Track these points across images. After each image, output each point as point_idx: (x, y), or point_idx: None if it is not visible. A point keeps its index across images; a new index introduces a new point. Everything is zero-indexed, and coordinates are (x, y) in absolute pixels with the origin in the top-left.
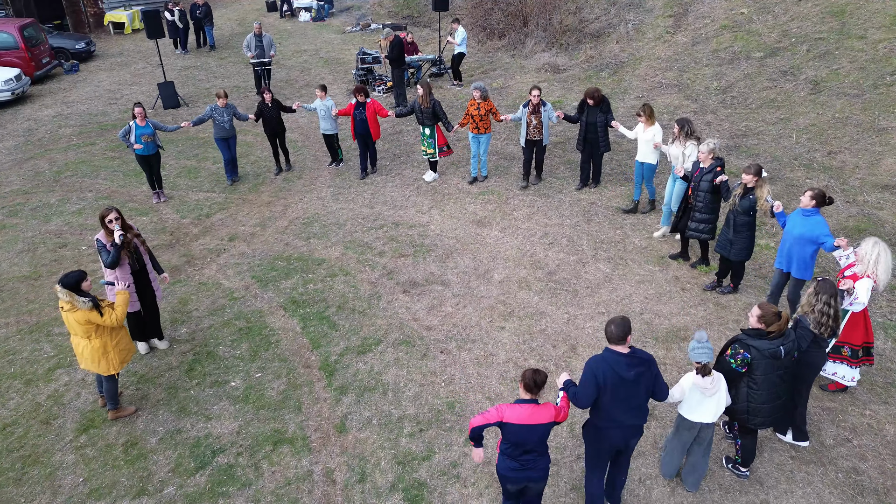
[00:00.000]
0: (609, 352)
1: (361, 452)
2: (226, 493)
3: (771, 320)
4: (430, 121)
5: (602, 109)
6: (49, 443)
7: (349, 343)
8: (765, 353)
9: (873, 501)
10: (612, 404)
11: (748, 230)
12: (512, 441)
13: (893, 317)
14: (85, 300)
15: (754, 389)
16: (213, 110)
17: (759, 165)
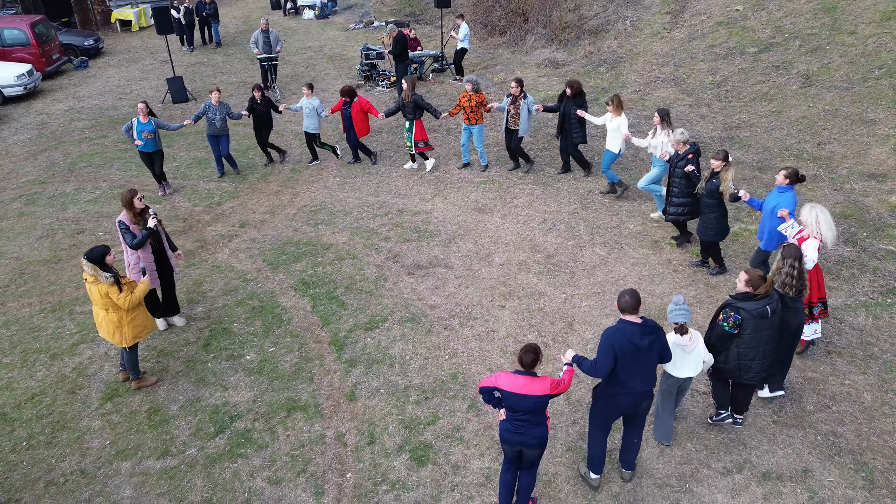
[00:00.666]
0: (624, 322)
1: (370, 418)
2: (244, 454)
3: (758, 283)
4: (411, 115)
5: (577, 102)
6: (76, 410)
7: (357, 320)
8: (753, 314)
9: (849, 460)
10: (626, 372)
11: (715, 211)
12: (506, 405)
13: (875, 295)
14: (108, 275)
15: (744, 348)
16: (207, 107)
17: (725, 151)
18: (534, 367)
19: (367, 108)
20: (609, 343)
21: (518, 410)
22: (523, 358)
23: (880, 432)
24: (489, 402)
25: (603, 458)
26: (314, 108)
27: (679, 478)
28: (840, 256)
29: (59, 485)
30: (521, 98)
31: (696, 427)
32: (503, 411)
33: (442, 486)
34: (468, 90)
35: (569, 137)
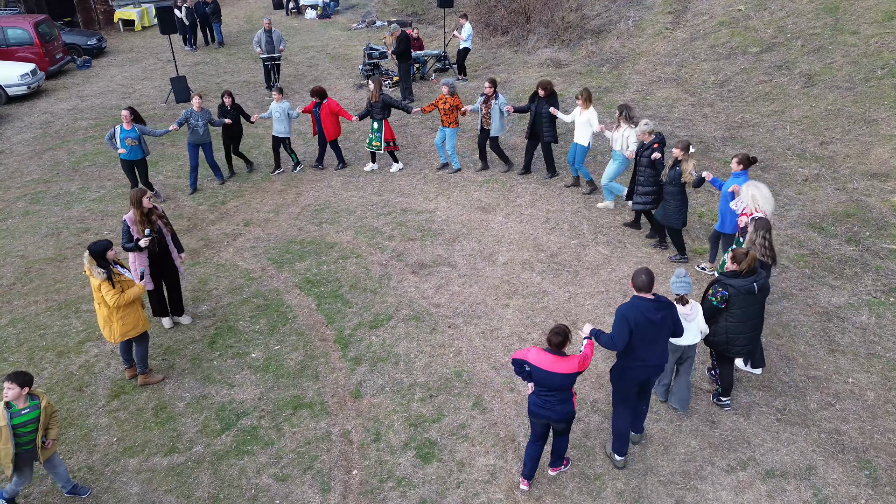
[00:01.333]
0: (637, 299)
1: (376, 415)
2: (250, 451)
3: (741, 258)
4: (379, 115)
5: (549, 102)
6: (83, 407)
7: (362, 318)
8: (741, 290)
9: (853, 458)
10: (641, 345)
11: (677, 198)
12: (535, 380)
13: (877, 294)
14: (101, 271)
15: (732, 322)
16: (188, 114)
17: (687, 141)
18: (562, 349)
19: (336, 111)
20: (624, 318)
21: (545, 386)
22: (552, 339)
23: (884, 430)
24: (519, 374)
25: (627, 436)
26: (284, 111)
27: (683, 475)
28: (843, 256)
29: None
30: (493, 98)
31: (700, 425)
32: (531, 385)
33: (447, 483)
34: (444, 93)
35: (540, 138)
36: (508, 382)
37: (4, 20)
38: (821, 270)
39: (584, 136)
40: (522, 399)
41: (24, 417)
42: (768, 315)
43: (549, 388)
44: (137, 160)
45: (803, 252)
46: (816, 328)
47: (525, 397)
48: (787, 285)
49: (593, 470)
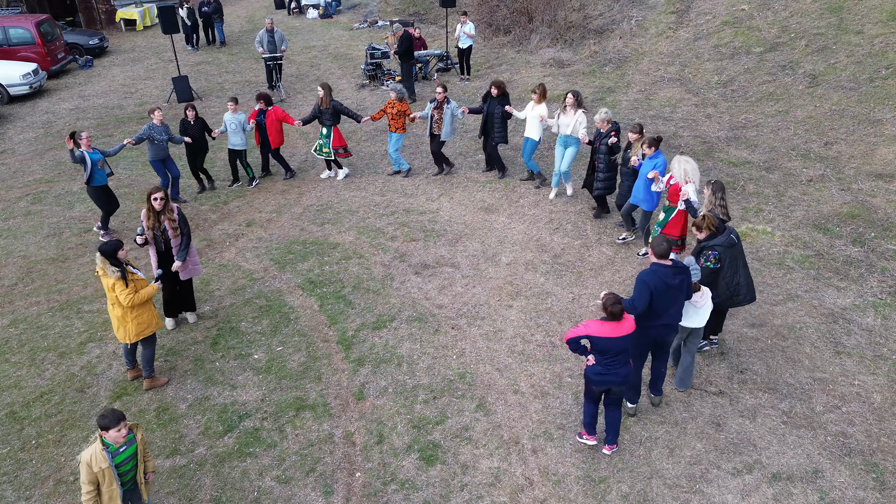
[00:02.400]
0: (656, 265)
1: (379, 417)
2: (253, 453)
3: (702, 224)
4: (329, 121)
5: (501, 102)
6: (85, 408)
7: (365, 320)
8: (725, 245)
9: (859, 461)
10: (658, 307)
11: (630, 180)
12: (597, 349)
13: (883, 295)
14: (115, 270)
15: (728, 277)
16: (150, 129)
17: (640, 125)
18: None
19: (281, 117)
20: (645, 283)
21: (609, 353)
22: (613, 309)
23: (890, 433)
24: (576, 350)
25: (639, 388)
26: (240, 123)
27: (689, 478)
28: (848, 257)
29: (68, 483)
30: (445, 103)
31: (705, 428)
32: (591, 357)
33: (451, 486)
34: (393, 98)
35: (490, 137)
36: (512, 384)
37: (6, 20)
38: (826, 272)
39: (535, 130)
40: (526, 401)
41: (124, 455)
42: (773, 316)
43: (614, 353)
44: (106, 185)
45: (808, 253)
46: (822, 330)
47: (526, 399)
48: (792, 287)
49: (598, 473)
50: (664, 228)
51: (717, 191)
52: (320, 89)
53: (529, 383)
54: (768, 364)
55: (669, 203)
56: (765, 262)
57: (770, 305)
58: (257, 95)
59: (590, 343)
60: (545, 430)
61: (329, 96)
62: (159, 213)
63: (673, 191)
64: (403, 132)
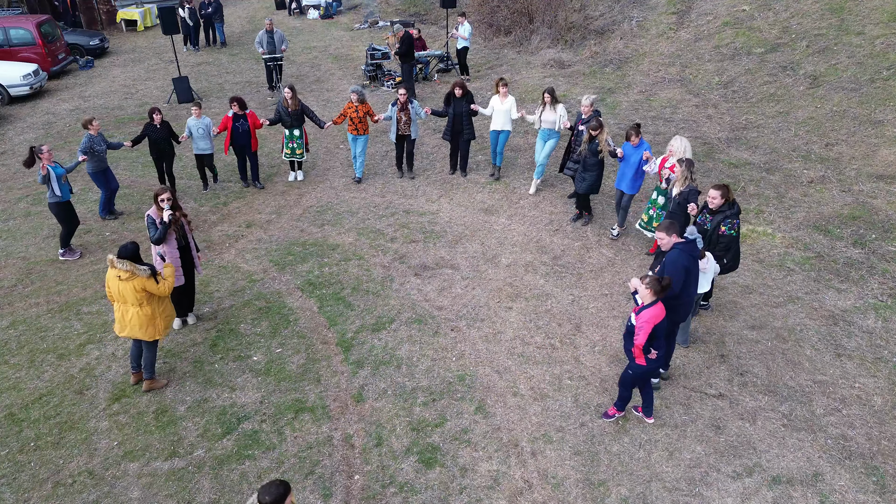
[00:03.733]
0: (680, 244)
1: (378, 420)
2: (252, 455)
3: (727, 194)
4: (298, 122)
5: (467, 100)
6: (83, 411)
7: (364, 321)
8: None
9: (860, 464)
10: (689, 283)
11: (596, 169)
12: (660, 335)
13: (884, 297)
14: (145, 268)
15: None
16: (90, 140)
17: (599, 119)
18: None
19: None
20: (679, 263)
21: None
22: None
23: (891, 436)
24: (647, 352)
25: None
26: (207, 126)
27: (689, 481)
28: (849, 258)
29: (66, 486)
30: (408, 104)
31: (705, 431)
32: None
33: (450, 489)
34: (353, 101)
35: (461, 136)
36: (511, 386)
37: (7, 20)
38: (826, 273)
39: (509, 122)
40: (525, 403)
41: None
42: (773, 318)
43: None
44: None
45: (809, 255)
46: (822, 332)
47: (525, 401)
48: (792, 288)
49: (598, 476)
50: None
51: (689, 166)
52: (287, 90)
53: (529, 385)
54: (768, 366)
55: (665, 186)
56: (765, 264)
57: (770, 307)
58: (231, 99)
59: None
60: (544, 433)
61: (297, 98)
62: (174, 210)
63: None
64: (368, 134)
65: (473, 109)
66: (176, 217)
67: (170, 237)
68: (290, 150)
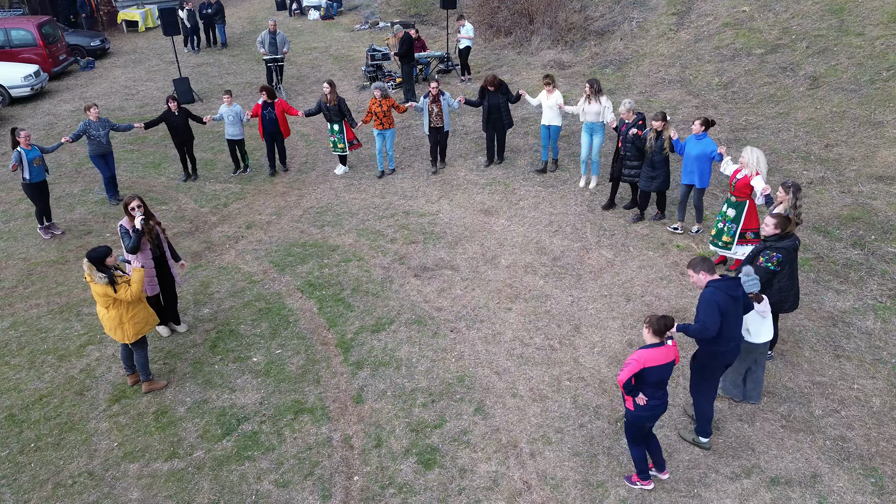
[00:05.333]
0: (716, 281)
1: (377, 421)
2: (251, 456)
3: (784, 224)
4: (338, 117)
5: (502, 91)
6: (84, 411)
7: (364, 322)
8: (790, 250)
9: (858, 466)
10: (728, 325)
11: (664, 165)
12: (653, 381)
13: (883, 298)
14: (102, 276)
15: (784, 282)
16: (87, 125)
17: (664, 112)
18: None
19: (287, 109)
20: (713, 302)
21: (663, 381)
22: (665, 323)
23: (889, 437)
24: (630, 393)
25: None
26: (237, 114)
27: (687, 482)
28: (848, 259)
29: (66, 486)
30: (440, 96)
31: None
32: (641, 396)
33: (449, 490)
34: (377, 96)
35: (500, 127)
36: (511, 388)
37: (8, 21)
38: (826, 274)
39: (557, 117)
40: (525, 404)
41: None
42: None
43: (665, 381)
44: (41, 182)
45: (808, 256)
46: (821, 333)
47: (524, 402)
48: None
49: (596, 477)
50: (743, 225)
51: (796, 192)
52: (326, 86)
53: (528, 387)
54: (767, 367)
55: (736, 198)
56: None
57: None
58: (261, 88)
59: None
60: (543, 434)
61: (335, 93)
62: (147, 219)
63: (741, 184)
64: (394, 127)
65: (522, 95)
66: (150, 226)
67: (144, 246)
68: (332, 144)
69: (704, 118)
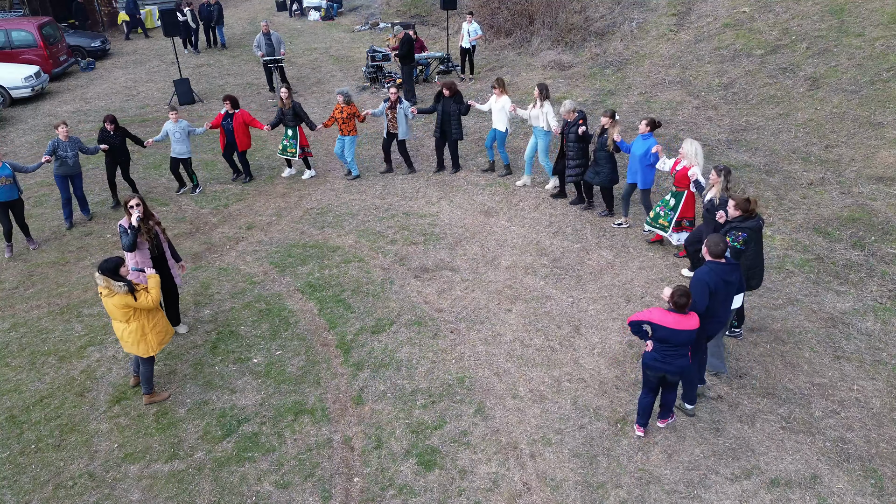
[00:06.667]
0: (713, 264)
1: (377, 422)
2: (252, 457)
3: (745, 206)
4: (293, 122)
5: (455, 100)
6: (84, 413)
7: (364, 323)
8: (755, 230)
9: (858, 467)
10: (715, 304)
11: (609, 162)
12: (658, 337)
13: (883, 300)
14: (121, 284)
15: (750, 261)
16: (55, 144)
17: (612, 110)
18: (685, 310)
19: (249, 121)
20: (705, 283)
21: (670, 343)
22: (679, 301)
23: (889, 438)
24: (637, 333)
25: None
26: (183, 129)
27: (687, 484)
28: (848, 261)
29: (67, 488)
30: (398, 103)
31: (704, 433)
32: (650, 343)
33: (449, 491)
34: (340, 102)
35: (449, 136)
36: (511, 389)
37: (9, 22)
38: (826, 276)
39: (502, 122)
40: (524, 405)
41: None
42: (772, 321)
43: (674, 344)
44: (13, 201)
45: (808, 257)
46: (821, 334)
47: (524, 403)
48: (791, 291)
49: (596, 478)
50: (680, 213)
51: (727, 175)
52: (281, 90)
53: (528, 388)
54: (767, 369)
55: (677, 188)
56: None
57: (769, 310)
58: (224, 97)
59: (651, 329)
60: (543, 435)
61: (291, 97)
62: (146, 219)
63: (680, 175)
64: (356, 134)
65: (470, 105)
66: (149, 226)
67: (142, 246)
68: (281, 147)
69: (651, 119)
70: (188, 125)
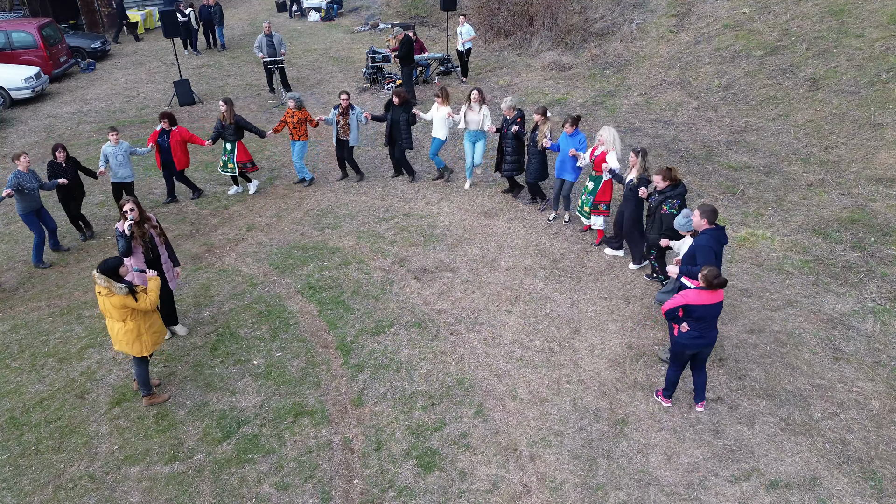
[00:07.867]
0: (710, 229)
1: (377, 424)
2: (251, 459)
3: (669, 175)
4: (233, 136)
5: (405, 109)
6: (84, 414)
7: (364, 325)
8: (684, 195)
9: (858, 469)
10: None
11: (538, 157)
12: (699, 315)
13: (882, 301)
14: (121, 286)
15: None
16: (17, 176)
17: (545, 107)
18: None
19: (188, 138)
20: (709, 247)
21: (708, 318)
22: (716, 281)
23: (889, 440)
24: (672, 319)
25: None
26: (125, 151)
27: (687, 486)
28: (848, 262)
29: (67, 490)
30: (350, 109)
31: (703, 434)
32: (685, 324)
33: (449, 493)
34: (291, 107)
35: (396, 144)
36: (510, 390)
37: (9, 23)
38: (825, 277)
39: (442, 130)
40: (524, 407)
41: None
42: (772, 322)
43: (712, 317)
44: None
45: (808, 258)
46: (821, 336)
47: (524, 405)
48: (791, 292)
49: (596, 480)
50: (597, 196)
51: (644, 156)
52: (223, 104)
53: (528, 389)
54: (767, 370)
55: (595, 173)
56: (764, 268)
57: (769, 311)
58: (161, 115)
59: (685, 311)
60: (543, 437)
61: (232, 112)
62: (142, 222)
63: (599, 160)
64: (307, 139)
65: (415, 114)
66: (144, 230)
67: (136, 249)
68: (221, 163)
69: (573, 117)
70: (129, 146)
